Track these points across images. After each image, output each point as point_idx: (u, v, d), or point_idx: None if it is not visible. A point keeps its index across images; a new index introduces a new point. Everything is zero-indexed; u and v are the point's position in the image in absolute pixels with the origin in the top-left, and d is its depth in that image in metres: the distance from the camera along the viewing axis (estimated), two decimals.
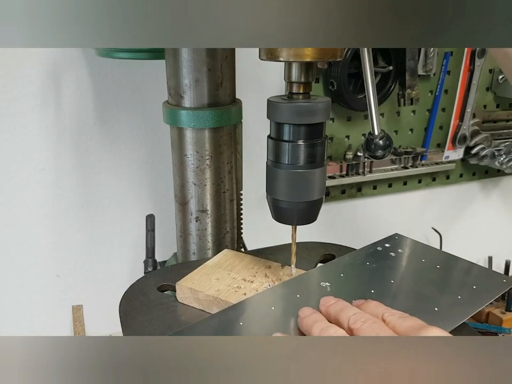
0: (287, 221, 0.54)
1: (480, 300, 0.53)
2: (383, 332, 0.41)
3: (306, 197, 0.52)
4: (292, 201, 0.52)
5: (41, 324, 1.01)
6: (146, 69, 0.91)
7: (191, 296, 0.57)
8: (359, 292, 0.54)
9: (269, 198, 0.54)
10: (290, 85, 0.51)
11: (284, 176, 0.52)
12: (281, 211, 0.54)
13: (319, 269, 0.60)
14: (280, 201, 0.53)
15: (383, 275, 0.58)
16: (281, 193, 0.52)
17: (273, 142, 0.52)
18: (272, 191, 0.53)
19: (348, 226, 1.20)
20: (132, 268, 1.03)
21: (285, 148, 0.51)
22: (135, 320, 0.55)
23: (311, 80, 0.50)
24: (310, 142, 0.51)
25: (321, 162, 0.52)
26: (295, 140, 0.50)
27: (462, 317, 0.50)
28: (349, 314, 0.44)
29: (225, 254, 0.66)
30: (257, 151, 0.92)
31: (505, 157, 1.21)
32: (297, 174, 0.51)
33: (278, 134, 0.51)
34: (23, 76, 0.85)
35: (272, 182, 0.53)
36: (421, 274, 0.58)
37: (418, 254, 0.63)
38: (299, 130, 0.50)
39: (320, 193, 0.53)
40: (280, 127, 0.51)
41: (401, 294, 0.54)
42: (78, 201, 0.96)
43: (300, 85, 0.50)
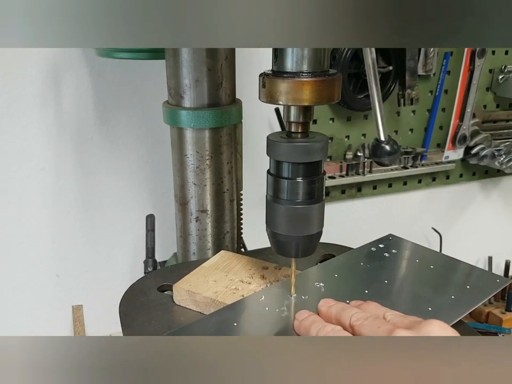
0: (287, 254, 0.55)
1: (474, 300, 0.54)
2: (384, 326, 0.41)
3: (305, 231, 0.53)
4: (291, 235, 0.53)
5: (41, 324, 1.01)
6: (146, 69, 0.91)
7: (188, 298, 0.57)
8: (354, 292, 0.54)
9: (268, 231, 0.55)
10: (289, 124, 0.52)
11: (283, 211, 0.53)
12: (281, 244, 0.55)
13: (313, 270, 0.61)
14: (280, 235, 0.53)
15: (377, 275, 0.58)
16: (280, 227, 0.53)
17: (273, 178, 0.53)
18: (271, 225, 0.54)
19: (348, 226, 1.20)
20: (132, 268, 1.03)
21: (284, 185, 0.52)
22: (135, 320, 0.55)
23: (308, 121, 0.52)
24: (308, 179, 0.52)
25: (320, 197, 0.53)
26: (294, 177, 0.51)
27: (456, 317, 0.50)
28: (350, 313, 0.45)
29: (222, 255, 0.66)
30: (257, 151, 0.91)
31: (505, 157, 1.21)
32: (296, 209, 0.52)
33: (277, 171, 0.52)
34: (23, 76, 0.85)
35: (271, 216, 0.54)
36: (415, 275, 0.59)
37: (412, 255, 0.63)
38: (298, 168, 0.51)
39: (319, 227, 0.54)
40: (279, 165, 0.52)
41: (395, 294, 0.55)
42: (78, 201, 0.96)
43: (298, 124, 0.51)
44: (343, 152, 1.11)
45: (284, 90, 0.48)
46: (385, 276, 0.58)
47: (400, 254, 0.63)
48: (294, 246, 0.53)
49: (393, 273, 0.59)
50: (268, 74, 0.49)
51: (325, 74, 0.48)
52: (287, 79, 0.47)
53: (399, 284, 0.57)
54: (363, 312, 0.45)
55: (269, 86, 0.49)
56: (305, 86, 0.47)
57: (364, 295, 0.53)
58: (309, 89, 0.47)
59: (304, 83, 0.47)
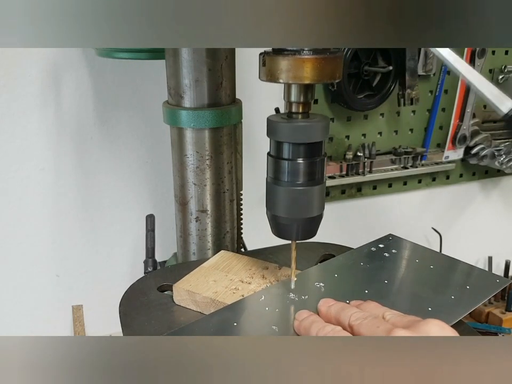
0: (287, 237, 0.55)
1: (474, 300, 0.54)
2: (383, 326, 0.41)
3: (306, 214, 0.53)
4: (291, 217, 0.53)
5: (41, 323, 1.01)
6: (146, 69, 0.91)
7: (188, 298, 0.57)
8: (353, 292, 0.54)
9: (268, 214, 0.55)
10: (289, 104, 0.52)
11: (283, 193, 0.52)
12: (281, 227, 0.54)
13: (313, 269, 0.61)
14: (280, 218, 0.53)
15: (377, 275, 0.58)
16: (281, 209, 0.53)
17: (273, 159, 0.53)
18: (272, 207, 0.54)
19: (347, 226, 1.20)
20: (132, 268, 1.03)
21: (285, 166, 0.52)
22: (135, 320, 0.55)
23: (310, 100, 0.51)
24: (309, 160, 0.51)
25: (321, 179, 0.53)
26: (295, 158, 0.51)
27: (456, 317, 0.50)
28: (350, 312, 0.45)
29: (222, 255, 0.66)
30: (257, 151, 0.91)
31: (505, 157, 1.21)
32: (297, 191, 0.52)
33: (278, 152, 0.52)
34: (23, 76, 0.85)
35: (272, 199, 0.54)
36: (415, 275, 0.59)
37: (412, 255, 0.63)
38: (298, 149, 0.51)
39: (319, 210, 0.54)
40: (280, 146, 0.52)
41: (395, 294, 0.55)
42: (78, 201, 0.96)
43: (299, 104, 0.51)
44: (343, 152, 1.11)
45: (285, 68, 0.47)
46: (385, 276, 0.58)
47: (400, 254, 0.63)
48: (294, 228, 0.53)
49: (393, 273, 0.59)
50: (268, 53, 0.48)
51: (326, 51, 0.47)
52: (287, 56, 0.46)
53: (399, 284, 0.57)
54: (362, 311, 0.45)
55: (269, 64, 0.48)
56: (306, 63, 0.46)
57: (364, 295, 0.53)
58: (310, 67, 0.46)
59: (305, 60, 0.46)
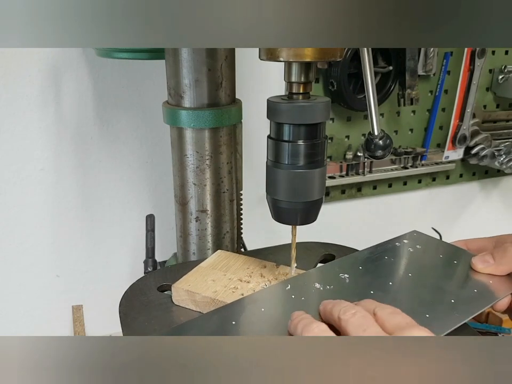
0: (287, 221, 0.54)
1: (496, 294, 0.55)
2: (370, 327, 0.41)
3: (306, 197, 0.52)
4: (291, 201, 0.52)
5: (41, 324, 1.01)
6: (146, 69, 0.91)
7: (187, 298, 0.57)
8: (378, 284, 0.54)
9: (268, 198, 0.54)
10: (290, 85, 0.51)
11: (283, 176, 0.52)
12: (281, 211, 0.54)
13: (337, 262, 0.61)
14: (280, 201, 0.53)
15: (402, 269, 0.59)
16: (281, 193, 0.52)
17: (273, 142, 0.52)
18: (272, 191, 0.53)
19: (348, 226, 1.20)
20: (132, 268, 1.03)
21: (285, 148, 0.51)
22: (135, 320, 0.55)
23: (311, 80, 0.50)
24: (309, 142, 0.50)
25: (321, 162, 0.52)
26: (295, 140, 0.50)
27: (479, 308, 0.52)
28: (341, 306, 0.45)
29: (219, 255, 0.66)
30: (257, 151, 0.91)
31: (505, 157, 1.21)
32: (297, 174, 0.51)
33: (278, 134, 0.51)
34: (23, 75, 0.85)
35: (272, 182, 0.53)
36: (438, 269, 0.59)
37: (436, 250, 0.64)
38: (299, 131, 0.50)
39: (320, 193, 0.53)
40: (280, 127, 0.51)
41: (419, 287, 0.55)
42: (78, 201, 0.96)
43: (300, 85, 0.50)
44: (343, 152, 1.11)
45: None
46: (409, 270, 0.58)
47: (424, 249, 0.64)
48: (294, 212, 0.53)
49: (417, 267, 0.60)
50: None
51: None
52: None
53: (423, 277, 0.57)
54: (354, 306, 0.45)
55: None
56: None
57: (388, 287, 0.54)
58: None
59: None
